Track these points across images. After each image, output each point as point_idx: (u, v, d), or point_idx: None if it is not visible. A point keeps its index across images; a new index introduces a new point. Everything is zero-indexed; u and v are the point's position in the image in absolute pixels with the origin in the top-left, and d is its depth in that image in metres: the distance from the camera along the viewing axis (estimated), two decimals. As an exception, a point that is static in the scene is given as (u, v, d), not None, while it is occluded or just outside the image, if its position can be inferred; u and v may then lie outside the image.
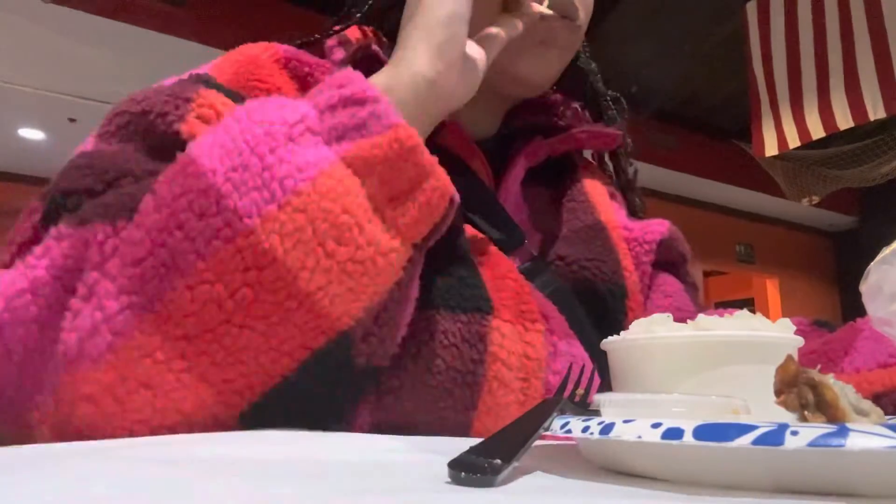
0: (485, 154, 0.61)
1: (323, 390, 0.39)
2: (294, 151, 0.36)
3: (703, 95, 4.78)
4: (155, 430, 0.35)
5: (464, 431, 0.44)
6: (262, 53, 0.54)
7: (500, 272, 0.49)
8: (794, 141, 3.50)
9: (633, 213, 0.71)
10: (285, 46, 0.56)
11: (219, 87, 0.48)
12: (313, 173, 0.36)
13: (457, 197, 0.42)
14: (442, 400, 0.43)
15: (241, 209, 0.34)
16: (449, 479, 0.24)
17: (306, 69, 0.55)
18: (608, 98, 0.72)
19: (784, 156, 3.99)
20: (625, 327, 0.57)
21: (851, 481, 0.22)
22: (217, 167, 0.36)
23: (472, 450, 0.25)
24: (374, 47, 0.57)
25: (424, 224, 0.40)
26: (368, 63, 0.56)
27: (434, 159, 0.40)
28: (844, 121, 3.29)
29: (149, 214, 0.35)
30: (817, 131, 3.38)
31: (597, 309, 0.58)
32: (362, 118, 0.38)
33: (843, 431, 0.20)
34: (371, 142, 0.38)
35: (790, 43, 3.39)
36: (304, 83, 0.54)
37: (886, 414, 0.50)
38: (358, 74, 0.40)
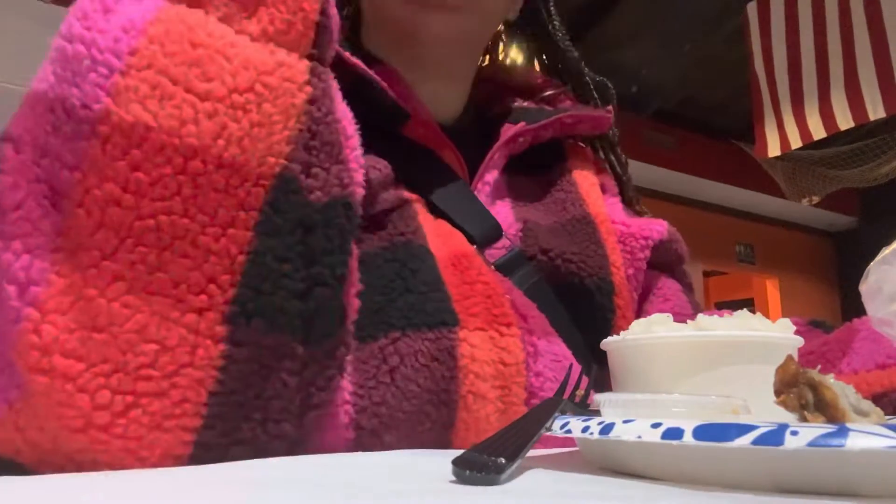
0: (462, 142, 0.58)
1: (297, 248, 0.34)
2: (113, 19, 0.32)
3: (702, 95, 4.77)
4: (138, 374, 0.30)
5: (443, 449, 0.41)
6: None
7: (471, 276, 0.47)
8: (795, 141, 3.50)
9: (629, 203, 0.69)
10: None
11: None
12: (141, 26, 0.32)
13: None
14: (420, 424, 0.41)
15: (85, 100, 0.31)
16: (454, 478, 0.24)
17: None
18: (593, 82, 0.69)
19: (784, 156, 3.98)
20: (613, 324, 0.57)
21: (851, 481, 0.22)
22: (49, 79, 0.32)
23: (476, 448, 0.26)
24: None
25: (302, 25, 0.35)
26: None
27: None
28: (845, 121, 3.29)
29: (11, 159, 0.32)
30: (818, 131, 3.38)
31: (583, 305, 0.55)
32: None
33: (842, 431, 0.21)
34: None
35: (791, 43, 3.40)
36: None
37: (886, 415, 0.50)
38: None
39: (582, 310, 0.55)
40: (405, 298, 0.43)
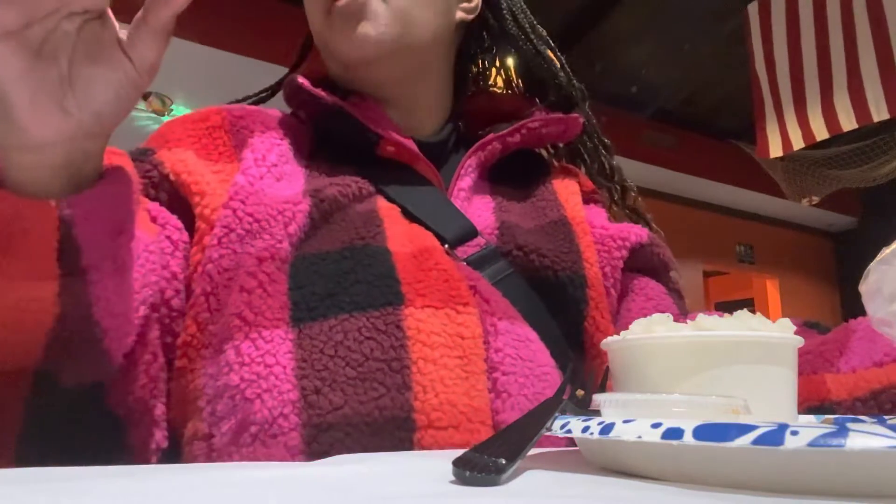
0: (441, 155, 0.65)
1: (65, 424, 0.41)
2: None
3: (703, 95, 4.77)
4: None
5: (406, 413, 0.45)
6: (196, 115, 0.59)
7: (428, 265, 0.52)
8: (798, 142, 3.49)
9: (622, 200, 0.73)
10: (230, 106, 0.61)
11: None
12: None
13: (68, 213, 0.39)
14: (374, 389, 0.45)
15: None
16: (454, 479, 0.24)
17: (241, 122, 0.59)
18: (565, 86, 0.72)
19: (784, 156, 3.98)
20: (587, 314, 0.60)
21: (851, 481, 0.22)
22: None
23: (476, 449, 0.26)
24: (300, 79, 0.61)
25: (43, 257, 0.38)
26: (299, 94, 0.61)
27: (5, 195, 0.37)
28: (848, 122, 3.28)
29: None
30: (821, 132, 3.37)
31: (556, 297, 0.59)
32: None
33: (842, 431, 0.21)
34: None
35: (792, 44, 3.39)
36: (238, 132, 0.58)
37: (885, 413, 0.50)
38: None
39: (557, 301, 0.60)
40: (356, 287, 0.49)
